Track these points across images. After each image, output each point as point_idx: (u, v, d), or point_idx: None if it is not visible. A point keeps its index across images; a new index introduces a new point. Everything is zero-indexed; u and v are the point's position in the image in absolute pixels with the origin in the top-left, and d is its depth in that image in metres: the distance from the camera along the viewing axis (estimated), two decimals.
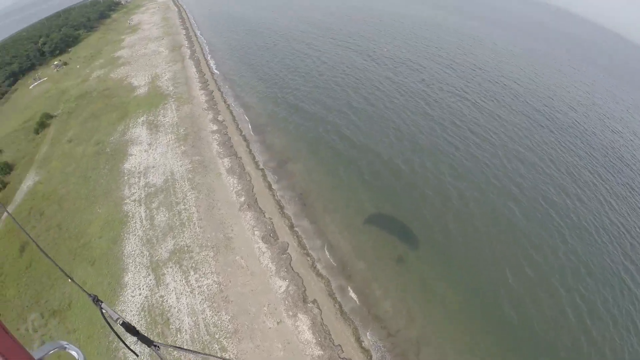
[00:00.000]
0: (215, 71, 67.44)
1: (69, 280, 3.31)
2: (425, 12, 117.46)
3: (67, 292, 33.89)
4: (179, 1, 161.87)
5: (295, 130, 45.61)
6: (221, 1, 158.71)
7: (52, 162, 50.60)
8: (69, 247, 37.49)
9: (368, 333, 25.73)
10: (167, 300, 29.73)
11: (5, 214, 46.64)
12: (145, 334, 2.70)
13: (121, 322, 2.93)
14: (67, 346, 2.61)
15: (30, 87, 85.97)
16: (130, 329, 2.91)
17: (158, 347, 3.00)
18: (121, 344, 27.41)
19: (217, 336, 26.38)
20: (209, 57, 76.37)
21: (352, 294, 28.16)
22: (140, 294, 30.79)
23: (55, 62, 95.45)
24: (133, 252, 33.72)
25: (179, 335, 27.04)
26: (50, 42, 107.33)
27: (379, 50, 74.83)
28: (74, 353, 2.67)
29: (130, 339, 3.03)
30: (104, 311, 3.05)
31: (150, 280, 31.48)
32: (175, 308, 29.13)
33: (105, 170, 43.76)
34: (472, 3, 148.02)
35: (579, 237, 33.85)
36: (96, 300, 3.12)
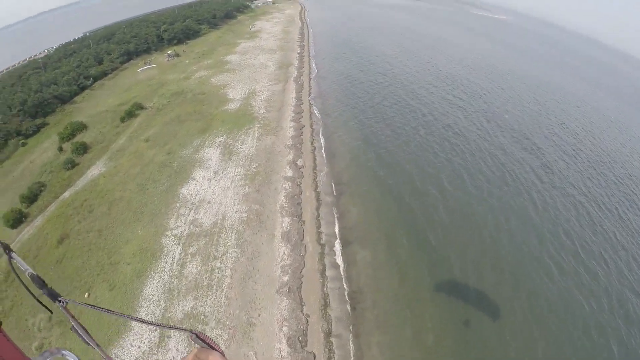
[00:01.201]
0: (314, 102, 67.19)
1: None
2: (557, 79, 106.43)
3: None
4: (305, 16, 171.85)
5: (372, 204, 41.63)
6: (350, 24, 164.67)
7: (123, 157, 53.57)
8: (99, 259, 38.05)
9: None
10: None
11: (66, 193, 50.54)
12: None
13: (29, 273, 2.75)
14: (65, 353, 2.66)
15: (139, 70, 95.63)
16: (37, 280, 2.74)
17: (64, 302, 2.71)
18: None
19: None
20: (313, 84, 77.14)
21: None
22: (139, 348, 29.06)
23: (169, 52, 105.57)
24: (151, 296, 32.38)
25: None
26: (170, 31, 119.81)
27: (493, 116, 68.12)
28: None
29: None
30: (13, 261, 2.85)
31: (154, 337, 29.52)
32: None
33: (163, 188, 44.39)
34: (618, 78, 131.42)
35: None
36: (6, 250, 2.91)
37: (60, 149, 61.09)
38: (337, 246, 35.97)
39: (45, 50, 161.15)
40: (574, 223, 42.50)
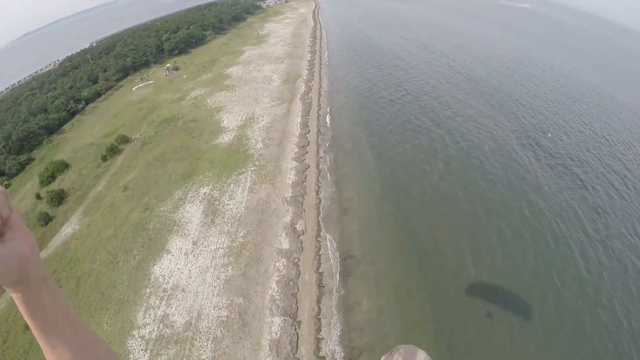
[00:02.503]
0: (323, 129, 57.92)
1: None
2: (595, 80, 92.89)
3: None
4: (319, 15, 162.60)
5: (387, 291, 31.96)
6: (367, 21, 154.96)
7: (97, 212, 46.70)
8: None
9: None
10: None
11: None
12: None
13: None
14: None
15: (134, 89, 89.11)
16: None
17: None
18: None
19: None
20: (323, 103, 67.81)
21: None
22: None
23: (168, 65, 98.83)
24: None
25: None
26: (172, 40, 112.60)
27: (529, 139, 57.25)
28: None
29: None
30: None
31: None
32: None
33: (134, 262, 36.91)
34: None
35: None
36: None
37: (38, 197, 54.93)
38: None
39: (51, 64, 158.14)
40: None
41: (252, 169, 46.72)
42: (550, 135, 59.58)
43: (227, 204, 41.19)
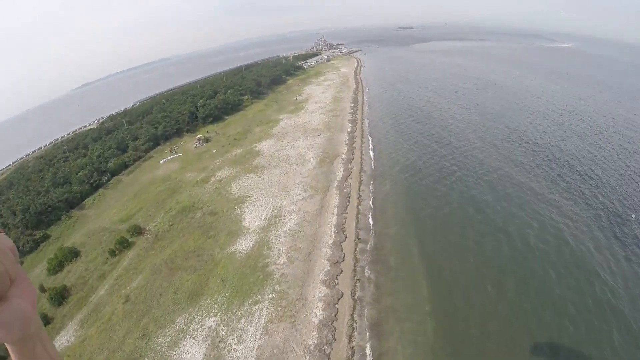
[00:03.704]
0: (362, 233, 50.15)
1: None
2: None
3: None
4: (361, 74, 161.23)
5: None
6: (410, 79, 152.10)
7: (94, 326, 41.76)
8: None
9: None
10: None
11: None
12: None
13: None
14: None
15: (161, 162, 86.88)
16: None
17: None
18: None
19: None
20: (364, 193, 60.61)
21: None
22: None
23: (200, 136, 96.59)
24: None
25: None
26: (207, 107, 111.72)
27: (607, 222, 49.31)
28: None
29: None
30: None
31: None
32: None
33: None
34: None
35: None
36: None
37: (42, 289, 51.07)
38: None
39: (94, 121, 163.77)
40: None
41: (270, 296, 39.25)
42: (634, 216, 51.37)
43: (233, 348, 33.81)
